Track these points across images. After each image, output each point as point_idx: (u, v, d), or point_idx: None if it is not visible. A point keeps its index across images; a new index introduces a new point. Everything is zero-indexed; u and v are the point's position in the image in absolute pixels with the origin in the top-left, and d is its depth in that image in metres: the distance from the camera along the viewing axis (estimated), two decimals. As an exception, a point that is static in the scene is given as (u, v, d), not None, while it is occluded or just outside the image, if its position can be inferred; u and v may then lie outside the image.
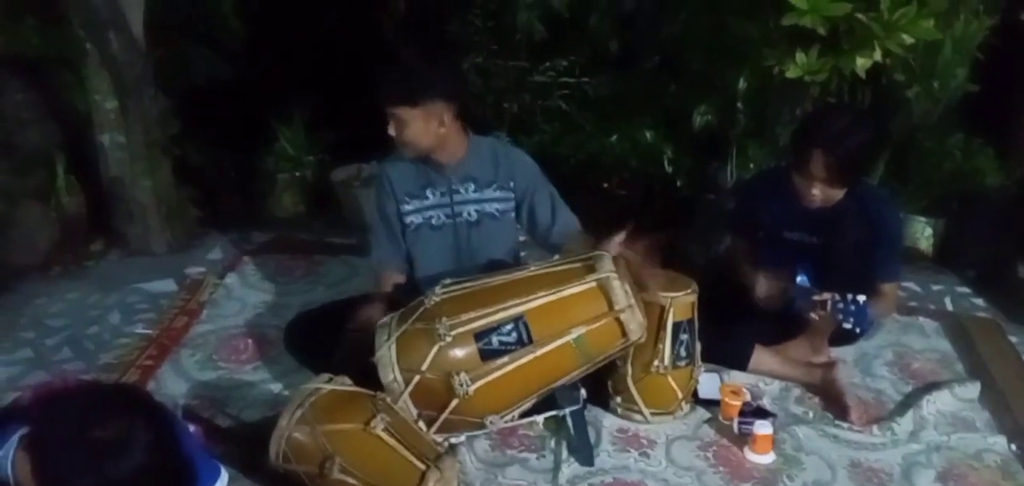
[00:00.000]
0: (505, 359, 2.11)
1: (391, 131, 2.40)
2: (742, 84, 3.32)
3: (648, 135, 3.70)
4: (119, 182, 3.33)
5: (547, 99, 3.69)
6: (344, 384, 2.13)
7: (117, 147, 3.29)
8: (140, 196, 3.34)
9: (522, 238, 2.70)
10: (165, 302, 3.07)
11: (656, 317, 2.28)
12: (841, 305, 2.35)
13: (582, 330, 2.13)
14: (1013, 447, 2.31)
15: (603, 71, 3.74)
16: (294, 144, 3.87)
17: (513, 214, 2.55)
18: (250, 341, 2.78)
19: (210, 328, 2.86)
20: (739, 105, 3.42)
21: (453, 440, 2.18)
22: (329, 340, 2.44)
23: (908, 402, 2.50)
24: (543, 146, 3.51)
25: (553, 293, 2.14)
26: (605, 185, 3.68)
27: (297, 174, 3.87)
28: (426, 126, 2.38)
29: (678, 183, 3.71)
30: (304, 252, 3.46)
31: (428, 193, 2.51)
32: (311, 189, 3.92)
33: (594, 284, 2.15)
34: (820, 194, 2.43)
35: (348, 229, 3.75)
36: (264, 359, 2.69)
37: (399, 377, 2.12)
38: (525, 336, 2.12)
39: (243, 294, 3.10)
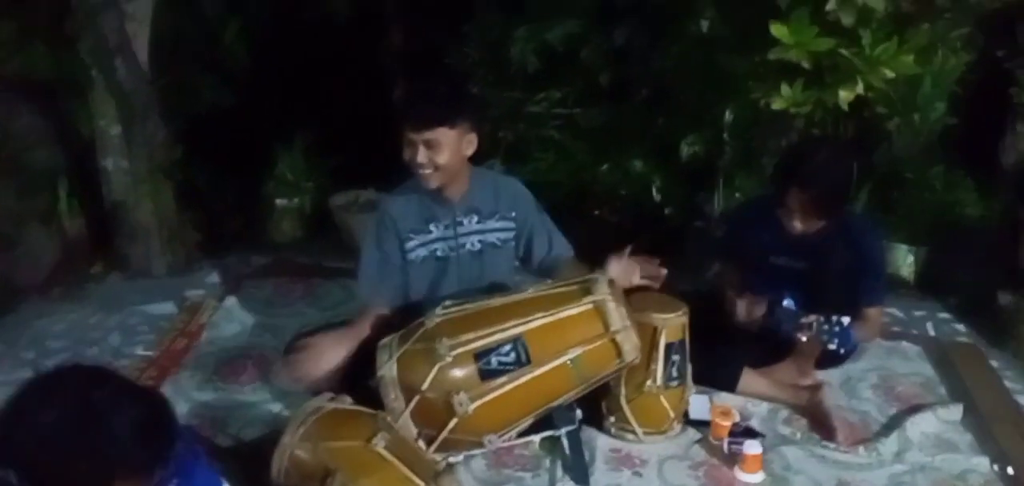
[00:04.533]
0: (504, 379, 2.17)
1: (420, 158, 2.34)
2: (729, 116, 3.43)
3: (638, 164, 3.80)
4: (121, 205, 3.40)
5: (541, 129, 3.78)
6: (345, 403, 2.19)
7: (120, 171, 3.35)
8: (142, 219, 3.41)
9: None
10: (164, 324, 3.12)
11: (649, 338, 2.34)
12: (825, 327, 2.44)
13: (579, 351, 2.20)
14: (995, 467, 2.38)
15: (595, 102, 3.83)
16: (293, 170, 3.95)
17: (513, 243, 2.58)
18: (249, 362, 2.83)
19: (210, 349, 2.92)
20: (726, 136, 3.53)
21: (451, 459, 2.24)
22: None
23: (893, 424, 2.57)
24: (538, 174, 3.59)
25: (551, 314, 2.21)
26: (596, 212, 3.77)
27: (296, 200, 3.95)
28: (458, 149, 2.37)
29: (667, 211, 3.80)
30: (302, 275, 3.52)
31: (431, 227, 2.50)
32: (309, 214, 3.99)
33: (590, 306, 2.22)
34: (800, 225, 2.52)
35: (345, 253, 3.80)
36: (263, 379, 2.74)
37: (400, 396, 2.18)
38: (523, 356, 2.18)
39: (242, 316, 3.15)
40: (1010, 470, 2.37)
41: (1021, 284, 3.37)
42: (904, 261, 3.56)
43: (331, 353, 2.35)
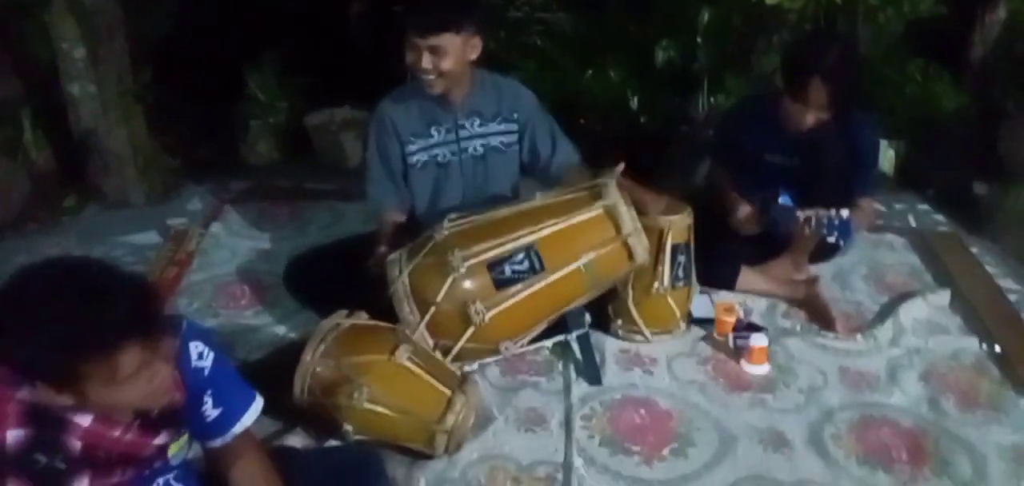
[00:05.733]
0: (519, 286, 2.18)
1: (425, 64, 2.30)
2: (704, 18, 3.40)
3: (612, 74, 3.75)
4: (92, 133, 3.25)
5: (523, 36, 3.71)
6: (362, 319, 2.17)
7: (88, 97, 3.20)
8: (116, 147, 3.27)
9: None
10: (150, 253, 3.04)
11: (655, 240, 2.37)
12: (825, 221, 2.49)
13: (591, 255, 2.21)
14: (984, 346, 2.49)
15: (577, 8, 3.76)
16: (265, 90, 3.82)
17: (517, 147, 2.56)
18: (246, 287, 2.78)
19: (204, 277, 2.85)
20: (699, 40, 3.50)
21: (466, 368, 2.25)
22: (332, 279, 2.47)
23: (885, 312, 2.65)
24: (522, 83, 3.53)
25: (562, 221, 2.21)
26: (582, 121, 3.74)
27: (270, 121, 3.84)
28: (463, 54, 2.34)
29: (642, 121, 3.78)
30: (285, 199, 3.45)
31: (433, 131, 2.48)
32: (285, 135, 3.89)
33: (601, 210, 2.22)
34: (813, 120, 2.54)
35: (326, 174, 3.74)
36: (263, 303, 2.70)
37: (415, 309, 2.17)
38: (537, 264, 2.19)
39: (231, 242, 3.09)
40: (998, 348, 2.48)
41: (996, 174, 3.49)
42: (884, 156, 3.63)
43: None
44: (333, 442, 2.02)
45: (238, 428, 1.55)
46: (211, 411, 1.50)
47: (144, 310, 1.28)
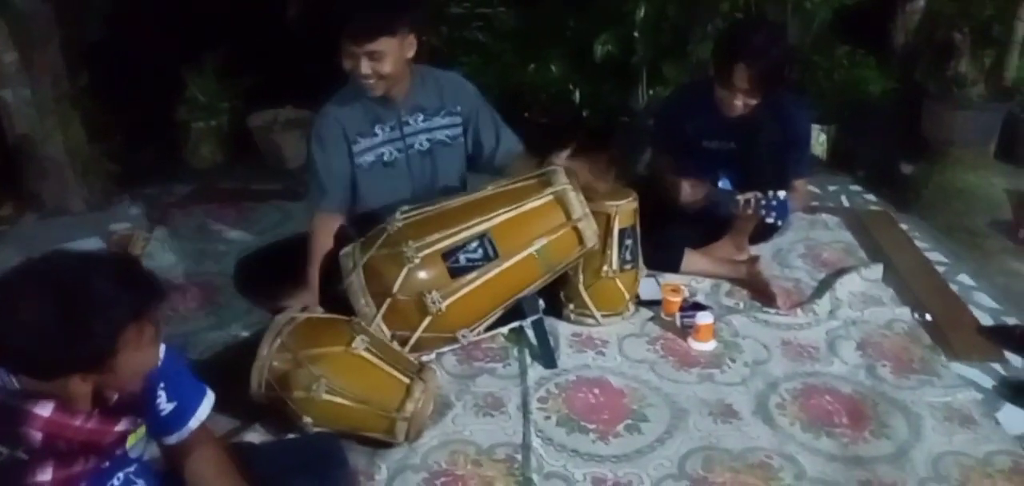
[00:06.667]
0: (473, 275, 2.22)
1: (363, 70, 2.29)
2: (640, 13, 3.49)
3: (553, 68, 3.80)
4: (27, 139, 3.16)
5: (465, 31, 3.74)
6: (317, 312, 2.18)
7: (23, 102, 3.11)
8: (53, 153, 3.19)
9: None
10: (95, 260, 2.97)
11: (603, 225, 2.43)
12: (764, 202, 2.59)
13: (543, 241, 2.26)
14: (916, 315, 2.62)
15: (517, 3, 3.81)
16: (206, 92, 3.77)
17: (462, 139, 2.58)
18: (195, 289, 2.76)
19: (151, 280, 2.81)
20: (636, 34, 3.59)
21: (424, 358, 2.27)
22: (284, 276, 2.46)
23: (823, 287, 2.78)
24: (466, 78, 3.55)
25: (514, 208, 2.26)
26: (526, 115, 3.79)
27: (212, 123, 3.78)
28: (401, 54, 2.34)
29: (585, 114, 3.84)
30: (230, 200, 3.42)
31: (377, 130, 2.47)
32: (228, 137, 3.84)
33: (552, 197, 2.28)
34: (741, 104, 2.63)
35: (270, 175, 3.71)
36: (214, 304, 2.68)
37: (370, 301, 2.19)
38: (491, 251, 2.23)
39: (176, 245, 3.05)
40: (928, 317, 2.62)
41: (920, 154, 3.67)
42: (817, 140, 3.78)
43: (314, 284, 2.34)
44: (293, 435, 2.02)
45: (193, 423, 1.56)
46: (165, 405, 1.51)
47: (130, 286, 1.31)
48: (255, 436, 2.07)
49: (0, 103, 3.13)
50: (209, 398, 1.59)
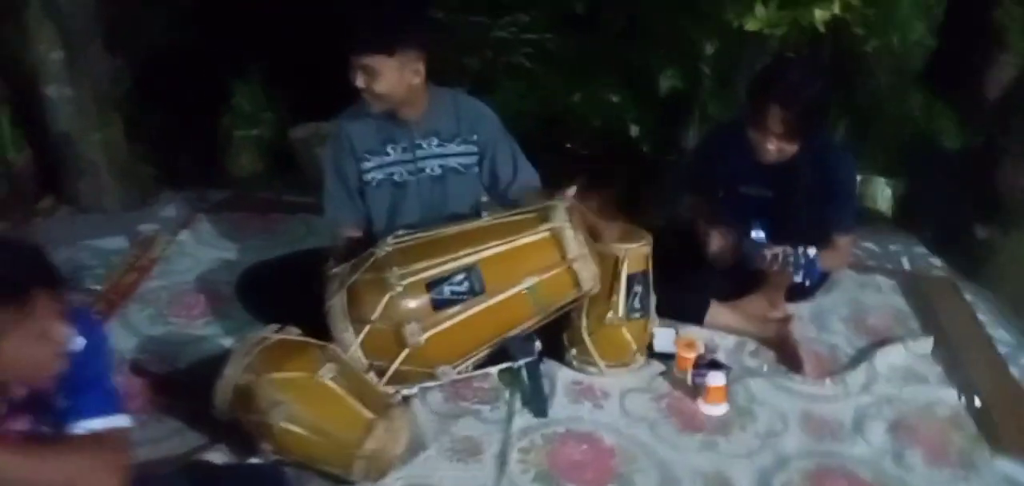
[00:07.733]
0: (457, 308, 2.10)
1: (359, 83, 2.25)
2: (709, 48, 3.31)
3: (614, 98, 3.66)
4: (67, 137, 3.24)
5: (509, 56, 3.64)
6: (292, 334, 2.09)
7: (64, 100, 3.18)
8: (89, 151, 3.25)
9: (483, 199, 2.65)
10: (116, 258, 3.00)
11: (610, 268, 2.26)
12: (791, 257, 2.35)
13: (535, 279, 2.12)
14: (962, 399, 2.33)
15: (567, 29, 3.69)
16: (251, 102, 3.79)
17: (477, 169, 2.48)
18: (202, 297, 2.73)
19: (161, 284, 2.80)
20: (705, 69, 3.40)
21: (406, 392, 2.16)
22: (281, 292, 2.41)
23: (861, 356, 2.51)
24: (505, 104, 3.44)
25: (506, 243, 2.13)
26: (568, 145, 3.66)
27: (255, 133, 3.80)
28: (400, 77, 2.26)
29: (644, 148, 3.68)
30: (260, 210, 3.40)
31: (389, 149, 2.41)
32: (269, 148, 3.85)
33: (547, 233, 2.13)
34: (775, 149, 2.42)
35: (307, 188, 3.68)
36: (215, 314, 2.64)
37: (350, 327, 2.09)
38: (477, 285, 2.10)
39: (196, 251, 3.04)
40: (977, 401, 2.33)
41: (998, 216, 3.31)
42: (881, 194, 3.48)
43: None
44: (255, 460, 1.94)
45: (79, 428, 1.45)
46: (62, 401, 1.44)
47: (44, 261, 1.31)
48: (218, 457, 1.98)
49: (44, 99, 3.21)
50: (113, 420, 1.49)
